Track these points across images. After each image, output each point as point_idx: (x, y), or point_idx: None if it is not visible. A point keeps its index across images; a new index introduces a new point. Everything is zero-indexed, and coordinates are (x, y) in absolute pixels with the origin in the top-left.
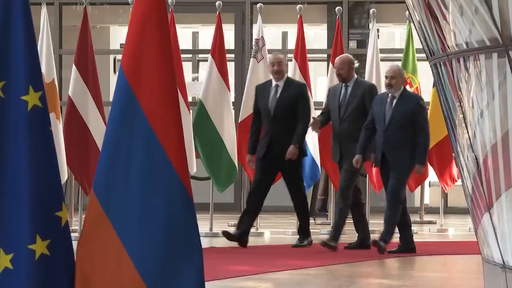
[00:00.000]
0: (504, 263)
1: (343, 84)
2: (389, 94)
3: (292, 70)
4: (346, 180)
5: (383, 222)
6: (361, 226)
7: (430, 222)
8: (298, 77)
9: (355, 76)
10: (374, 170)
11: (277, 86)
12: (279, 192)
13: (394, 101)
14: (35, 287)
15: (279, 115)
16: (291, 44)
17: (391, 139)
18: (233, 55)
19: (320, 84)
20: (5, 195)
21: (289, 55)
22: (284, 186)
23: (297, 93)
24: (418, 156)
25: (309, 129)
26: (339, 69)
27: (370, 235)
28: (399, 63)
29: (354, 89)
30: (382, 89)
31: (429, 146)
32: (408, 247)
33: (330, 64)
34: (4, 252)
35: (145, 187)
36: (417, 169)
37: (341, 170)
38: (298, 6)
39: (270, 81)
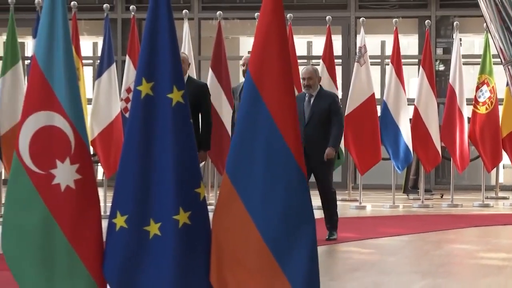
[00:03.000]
0: None
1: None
2: (307, 94)
3: (389, 73)
4: None
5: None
6: None
7: (504, 198)
8: (394, 79)
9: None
10: (458, 151)
11: None
12: (378, 172)
13: (312, 99)
14: (179, 251)
15: None
16: (388, 51)
17: (312, 135)
18: (340, 60)
19: (412, 83)
20: (154, 175)
21: (387, 60)
22: (383, 167)
23: (199, 93)
24: (331, 141)
25: (404, 119)
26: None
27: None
28: (478, 67)
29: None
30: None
31: (342, 135)
32: None
33: (421, 67)
34: (154, 222)
35: (268, 168)
36: (327, 151)
37: None
38: (394, 20)
39: None
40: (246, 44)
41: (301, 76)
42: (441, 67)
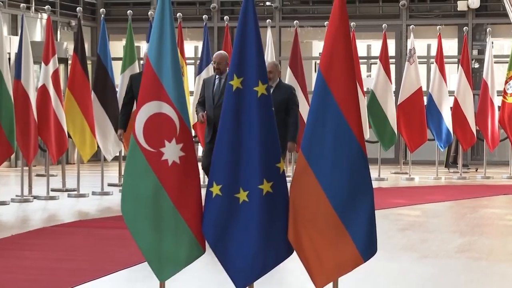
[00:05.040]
0: None
1: (217, 76)
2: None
3: (433, 70)
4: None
5: None
6: None
7: None
8: (437, 75)
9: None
10: (489, 133)
11: None
12: (425, 150)
13: (271, 90)
14: (263, 214)
15: None
16: (433, 52)
17: None
18: (394, 60)
19: (453, 78)
20: (243, 152)
21: (431, 60)
22: (428, 146)
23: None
24: (290, 135)
25: (446, 107)
26: (218, 64)
27: None
28: (507, 65)
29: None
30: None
31: (298, 127)
32: None
33: (460, 65)
34: (243, 190)
35: (335, 146)
36: (289, 146)
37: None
38: (438, 27)
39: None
40: (317, 47)
41: None
42: (476, 65)
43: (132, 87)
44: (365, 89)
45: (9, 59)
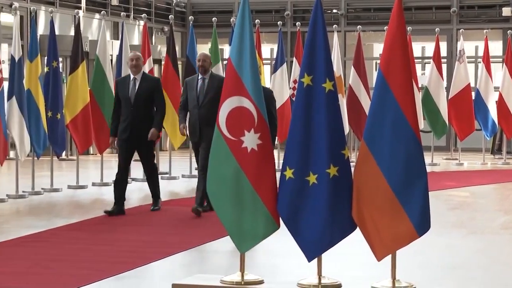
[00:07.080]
0: None
1: (201, 76)
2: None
3: (480, 69)
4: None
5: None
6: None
7: None
8: (484, 72)
9: (210, 70)
10: None
11: (135, 79)
12: (473, 139)
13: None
14: (330, 194)
15: (138, 103)
16: (480, 52)
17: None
18: (445, 60)
19: (498, 76)
20: (312, 141)
21: (479, 59)
22: (476, 135)
23: (153, 86)
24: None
25: (491, 101)
26: (203, 61)
27: None
28: None
29: (210, 81)
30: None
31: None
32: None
33: (504, 64)
34: (312, 173)
35: (393, 136)
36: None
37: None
38: (485, 30)
39: (129, 75)
40: (378, 49)
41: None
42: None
43: (118, 92)
44: (420, 85)
45: (111, 60)
